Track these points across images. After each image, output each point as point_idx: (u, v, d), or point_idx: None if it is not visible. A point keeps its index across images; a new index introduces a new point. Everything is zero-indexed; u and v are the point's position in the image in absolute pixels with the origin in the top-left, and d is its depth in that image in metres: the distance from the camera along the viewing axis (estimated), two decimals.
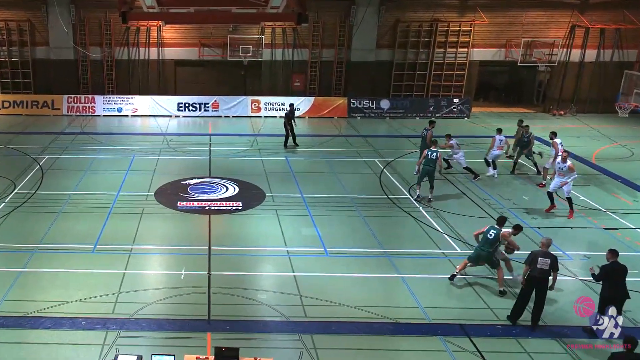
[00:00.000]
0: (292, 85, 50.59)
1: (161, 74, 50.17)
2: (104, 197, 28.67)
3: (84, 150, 36.92)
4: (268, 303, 19.47)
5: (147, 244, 23.75)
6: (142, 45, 49.55)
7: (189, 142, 39.74)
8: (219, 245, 23.67)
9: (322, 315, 18.84)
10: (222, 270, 21.59)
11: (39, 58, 48.89)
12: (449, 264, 22.00)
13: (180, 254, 22.94)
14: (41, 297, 19.40)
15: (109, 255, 22.59)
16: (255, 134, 41.64)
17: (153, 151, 36.85)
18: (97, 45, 49.05)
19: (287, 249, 23.38)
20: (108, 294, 19.69)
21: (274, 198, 29.08)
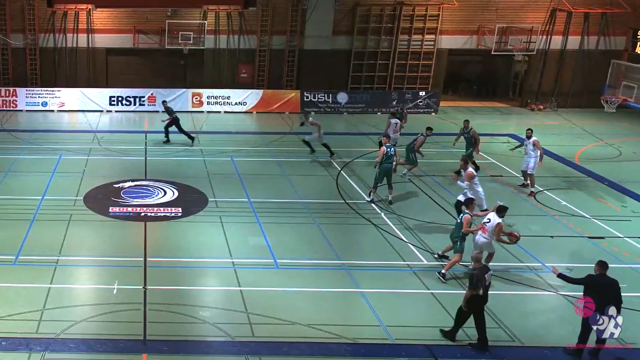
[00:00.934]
0: (238, 77, 50.49)
1: (91, 64, 49.70)
2: (26, 202, 28.32)
3: (4, 149, 36.52)
4: (211, 321, 19.31)
5: (76, 254, 23.46)
6: (69, 31, 49.01)
7: (122, 140, 39.49)
8: (155, 256, 23.47)
9: (272, 334, 18.70)
10: (159, 284, 21.39)
11: None
12: (414, 277, 22.07)
13: (112, 266, 22.67)
14: None
15: (32, 267, 22.29)
16: (197, 131, 41.37)
17: (82, 150, 36.54)
18: (19, 32, 48.45)
19: (233, 261, 23.24)
20: (31, 311, 19.36)
21: (218, 203, 29.00)
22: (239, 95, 48.07)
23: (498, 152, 34.36)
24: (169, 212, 27.67)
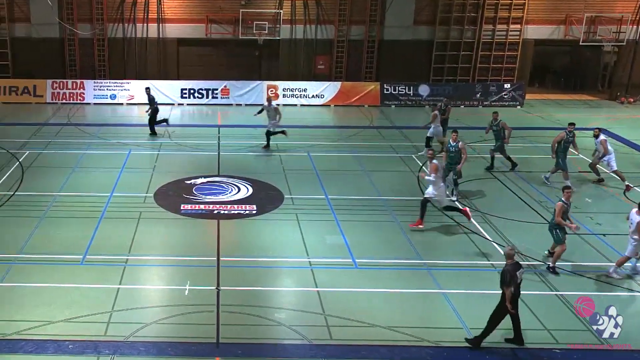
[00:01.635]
0: (315, 69, 50.80)
1: (162, 55, 50.58)
2: (94, 199, 28.94)
3: (71, 144, 37.40)
4: (287, 323, 19.51)
5: (145, 254, 23.93)
6: (139, 21, 50.00)
7: (194, 134, 40.25)
8: (229, 255, 23.82)
9: (350, 337, 18.84)
10: (233, 284, 21.68)
11: (19, 36, 49.51)
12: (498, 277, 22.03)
13: (184, 265, 23.09)
14: (21, 317, 19.51)
15: (100, 267, 22.76)
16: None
17: (152, 145, 37.43)
18: (86, 22, 49.56)
19: (310, 260, 23.50)
20: (100, 313, 19.79)
21: (294, 200, 29.32)
22: (316, 87, 48.52)
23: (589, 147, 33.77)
24: (243, 209, 28.04)
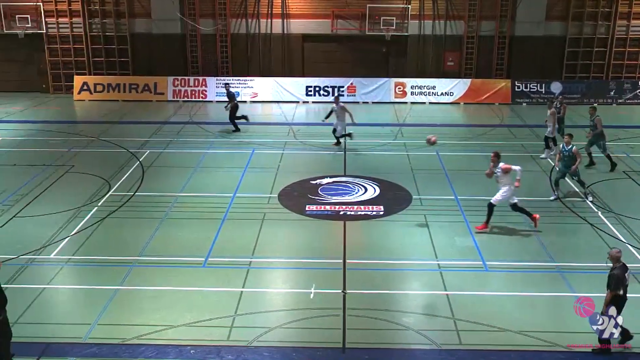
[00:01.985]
0: (444, 65, 50.45)
1: (286, 51, 50.82)
2: (217, 200, 29.15)
3: (193, 143, 37.77)
4: (415, 327, 19.29)
5: (269, 256, 23.90)
6: (263, 16, 50.41)
7: (319, 133, 40.13)
8: (355, 257, 23.66)
9: (480, 342, 18.59)
10: (359, 287, 21.53)
11: (139, 32, 50.55)
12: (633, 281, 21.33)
13: (309, 268, 23.02)
14: (141, 321, 19.68)
15: (223, 270, 22.83)
16: (399, 124, 41.64)
17: (276, 144, 37.47)
18: (209, 17, 50.24)
19: (438, 263, 23.32)
20: (222, 317, 19.80)
21: (422, 201, 29.19)
22: (445, 85, 48.32)
23: None
24: (370, 210, 27.86)
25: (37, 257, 23.66)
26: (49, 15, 50.09)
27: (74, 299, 21.57)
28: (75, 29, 50.45)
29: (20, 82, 51.92)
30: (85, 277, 22.64)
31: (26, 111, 45.65)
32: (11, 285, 21.08)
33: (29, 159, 35.12)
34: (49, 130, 40.74)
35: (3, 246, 24.26)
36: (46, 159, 34.70)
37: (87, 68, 50.91)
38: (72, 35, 50.49)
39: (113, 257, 23.71)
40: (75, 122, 43.98)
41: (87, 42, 50.67)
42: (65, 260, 23.50)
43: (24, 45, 51.07)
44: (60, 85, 51.35)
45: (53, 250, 24.23)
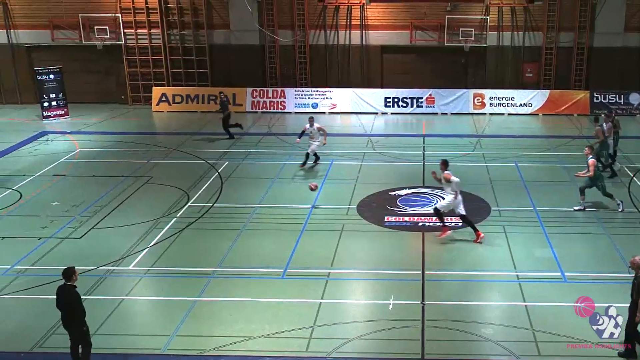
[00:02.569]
0: (522, 76, 50.30)
1: (365, 62, 50.99)
2: (295, 211, 29.46)
3: (272, 154, 38.18)
4: (493, 338, 19.37)
5: (348, 267, 24.09)
6: (341, 27, 50.66)
7: (398, 144, 40.39)
8: (434, 269, 23.81)
9: (559, 353, 18.60)
10: (438, 299, 21.67)
11: (217, 43, 51.06)
12: None
13: (387, 279, 23.18)
14: (220, 332, 19.96)
15: (301, 281, 23.06)
16: (478, 135, 41.64)
17: (355, 156, 37.62)
18: (287, 28, 50.59)
19: (517, 274, 23.37)
20: (301, 328, 20.02)
21: (501, 212, 29.27)
22: (523, 96, 48.22)
23: None
24: (449, 221, 27.70)
25: (116, 268, 24.12)
26: (128, 27, 50.87)
27: (152, 310, 22.02)
28: (154, 40, 51.19)
29: (99, 94, 52.71)
30: (164, 288, 23.02)
31: (105, 122, 46.35)
32: (90, 296, 21.57)
33: (108, 170, 35.73)
34: (127, 141, 41.42)
35: (82, 257, 24.69)
36: (125, 170, 35.28)
37: (166, 79, 51.64)
38: (151, 46, 51.21)
39: (192, 268, 24.08)
40: (153, 133, 44.67)
41: (166, 54, 51.36)
42: (144, 272, 23.92)
43: (102, 57, 51.88)
44: (139, 97, 52.09)
45: (132, 261, 24.72)
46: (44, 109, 48.13)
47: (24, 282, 23.09)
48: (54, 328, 19.10)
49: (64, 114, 48.40)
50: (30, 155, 38.84)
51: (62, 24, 50.86)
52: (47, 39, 51.42)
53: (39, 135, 43.21)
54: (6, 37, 52.04)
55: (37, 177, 34.72)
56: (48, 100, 48.14)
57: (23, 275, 23.70)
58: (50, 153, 39.25)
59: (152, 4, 50.48)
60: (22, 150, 39.72)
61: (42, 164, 36.74)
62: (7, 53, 52.46)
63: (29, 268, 24.26)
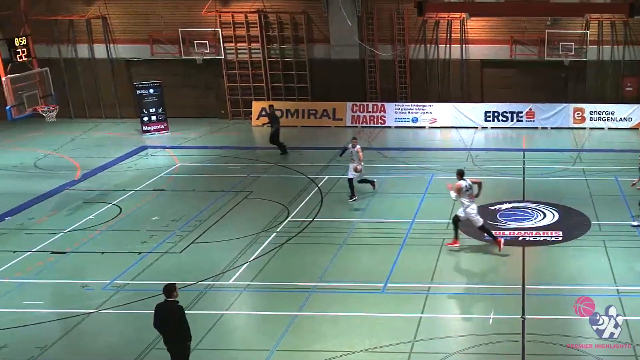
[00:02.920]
0: (623, 91, 49.76)
1: (465, 76, 50.93)
2: (395, 225, 29.64)
3: (372, 168, 37.79)
4: (593, 353, 19.30)
5: (448, 282, 24.30)
6: (441, 42, 50.58)
7: (498, 158, 40.40)
8: (534, 283, 23.85)
9: None
10: (538, 313, 21.75)
11: (317, 58, 51.25)
12: None
13: (487, 293, 23.31)
14: (320, 347, 20.20)
15: (402, 295, 23.25)
16: (578, 149, 41.46)
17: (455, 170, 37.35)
18: (387, 43, 50.63)
19: (617, 288, 23.40)
20: (401, 343, 20.18)
21: (601, 227, 29.20)
22: (623, 110, 47.76)
23: None
24: (549, 235, 28.03)
25: (216, 283, 24.53)
26: (228, 41, 51.30)
27: (252, 324, 22.39)
28: (253, 54, 51.60)
29: (199, 108, 53.08)
30: (264, 302, 23.39)
31: (204, 137, 46.89)
32: (190, 311, 21.83)
33: (208, 184, 36.20)
34: (227, 156, 41.90)
35: (182, 272, 25.22)
36: (225, 185, 35.69)
37: (266, 94, 51.95)
38: (251, 60, 51.63)
39: (292, 283, 24.42)
40: (253, 147, 44.96)
41: (266, 68, 51.65)
42: (244, 286, 24.29)
43: (202, 71, 52.29)
44: (239, 111, 52.51)
45: (232, 276, 25.10)
46: (143, 124, 48.76)
47: (124, 297, 23.54)
48: (153, 343, 19.50)
49: (164, 129, 49.03)
50: (130, 169, 39.46)
51: (161, 39, 51.59)
52: (146, 54, 52.18)
53: (138, 150, 43.89)
54: (106, 51, 52.86)
55: (136, 191, 35.25)
56: (148, 114, 48.76)
57: (123, 290, 24.15)
58: (150, 167, 39.81)
59: (252, 19, 50.82)
60: (122, 165, 40.37)
61: (141, 178, 37.24)
62: (106, 68, 53.25)
63: (129, 283, 24.73)
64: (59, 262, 26.76)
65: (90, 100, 53.60)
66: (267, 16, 50.88)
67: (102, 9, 51.37)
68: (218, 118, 52.48)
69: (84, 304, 23.09)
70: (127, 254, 27.24)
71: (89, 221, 31.07)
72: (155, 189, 35.70)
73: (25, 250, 27.72)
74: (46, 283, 24.96)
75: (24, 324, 21.76)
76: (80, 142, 45.44)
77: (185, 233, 29.35)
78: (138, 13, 51.79)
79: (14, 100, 34.64)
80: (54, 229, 29.98)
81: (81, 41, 52.73)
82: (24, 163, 40.74)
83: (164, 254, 27.28)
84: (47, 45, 51.44)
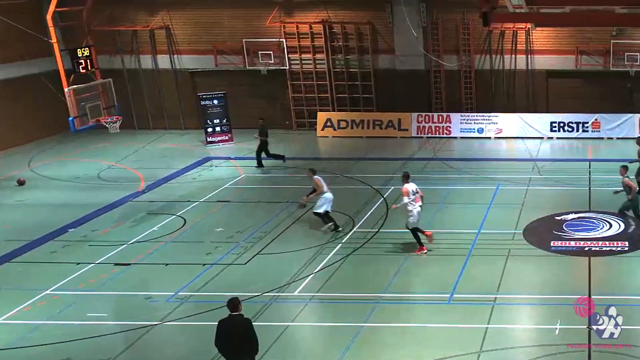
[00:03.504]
0: None
1: (530, 87, 50.94)
2: (461, 236, 29.90)
3: (437, 179, 38.52)
4: None
5: (514, 292, 24.43)
6: (507, 52, 50.66)
7: (564, 169, 40.48)
8: (600, 293, 23.84)
9: None
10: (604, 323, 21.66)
11: (382, 68, 51.51)
12: None
13: (554, 304, 23.42)
14: (386, 357, 20.46)
15: (467, 306, 23.48)
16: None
17: (521, 180, 37.75)
18: (452, 53, 50.82)
19: None
20: (468, 353, 20.40)
21: None
22: None
23: None
24: (615, 246, 28.19)
25: (281, 294, 24.72)
26: (292, 52, 51.68)
27: (318, 336, 22.65)
28: (318, 65, 51.96)
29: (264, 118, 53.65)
30: (329, 314, 23.65)
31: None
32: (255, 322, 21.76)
33: (273, 196, 36.50)
34: (292, 167, 42.24)
35: (247, 283, 25.51)
36: (289, 196, 35.86)
37: (331, 104, 52.28)
38: (315, 71, 52.00)
39: (357, 294, 24.62)
40: (318, 158, 45.21)
41: (331, 78, 51.97)
42: (310, 297, 24.54)
43: (266, 82, 52.64)
44: (304, 122, 52.91)
45: (297, 287, 25.34)
46: (207, 135, 49.24)
47: (188, 309, 23.78)
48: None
49: (228, 140, 49.52)
50: (194, 181, 39.88)
51: (225, 49, 52.01)
52: (210, 64, 52.61)
53: (203, 161, 44.27)
54: (169, 62, 53.47)
55: (201, 202, 35.59)
56: (212, 125, 49.24)
57: (187, 302, 24.38)
58: (214, 179, 40.18)
59: (317, 29, 51.21)
60: (186, 176, 40.80)
61: (206, 189, 37.56)
62: (170, 78, 53.82)
63: (194, 294, 24.95)
64: (123, 274, 27.11)
65: (154, 111, 54.25)
66: (331, 27, 51.24)
67: (166, 20, 52.16)
68: (283, 128, 52.77)
69: (148, 315, 23.37)
70: (191, 265, 27.52)
71: (153, 233, 31.43)
72: (220, 200, 36.01)
73: (89, 262, 28.01)
74: (110, 295, 25.26)
75: (88, 335, 22.03)
76: (143, 154, 45.94)
77: (250, 244, 29.61)
78: (202, 23, 52.43)
79: (77, 111, 35.02)
80: (117, 241, 30.34)
81: (144, 52, 53.44)
82: (88, 174, 41.28)
83: (229, 265, 27.53)
84: (110, 56, 52.21)
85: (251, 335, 17.40)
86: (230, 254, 28.62)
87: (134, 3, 52.23)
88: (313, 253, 28.45)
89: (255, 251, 28.86)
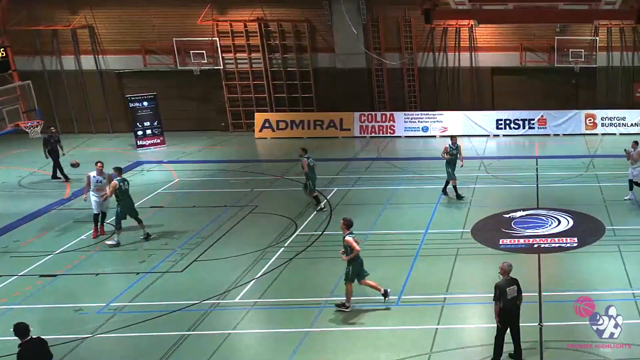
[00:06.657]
0: (633, 96, 50.91)
1: (475, 84, 51.67)
2: (408, 236, 30.27)
3: (382, 180, 39.00)
4: (612, 357, 19.97)
5: (464, 292, 24.91)
6: (450, 50, 51.52)
7: (511, 166, 41.34)
8: (550, 290, 24.64)
9: None
10: (555, 319, 22.50)
11: (322, 67, 52.04)
12: None
13: None
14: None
15: (416, 307, 23.82)
16: (590, 155, 42.53)
17: (467, 179, 38.39)
18: (394, 51, 51.48)
19: (633, 292, 24.32)
20: (418, 355, 20.71)
21: (616, 231, 30.22)
22: (635, 115, 49.19)
23: None
24: (564, 242, 29.08)
25: (221, 302, 24.73)
26: (226, 51, 51.85)
27: (261, 343, 22.65)
28: (254, 64, 52.21)
29: (197, 121, 53.46)
30: (273, 320, 23.72)
31: (204, 151, 47.18)
32: (194, 331, 22.46)
33: (210, 200, 36.49)
34: (229, 170, 42.32)
35: (185, 291, 25.51)
36: (228, 200, 36.01)
37: (269, 105, 52.56)
38: (252, 71, 52.23)
39: (302, 299, 24.85)
40: (257, 161, 45.54)
41: (268, 78, 52.28)
42: (252, 304, 24.57)
43: (200, 82, 52.73)
44: (240, 123, 53.11)
45: (238, 293, 25.36)
46: (137, 138, 49.11)
47: (121, 320, 23.49)
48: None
49: (160, 143, 49.54)
50: None
51: (154, 49, 52.04)
52: (138, 65, 52.61)
53: (133, 166, 44.05)
54: (94, 63, 53.19)
55: None
56: (142, 128, 49.16)
57: (121, 312, 24.13)
58: (146, 184, 39.93)
59: (252, 28, 51.46)
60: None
61: (138, 195, 36.40)
62: (96, 80, 53.49)
63: (127, 305, 24.71)
64: (49, 285, 26.60)
65: (79, 115, 53.93)
66: (267, 25, 51.56)
67: (89, 18, 51.93)
68: (219, 131, 52.82)
69: (79, 328, 23.03)
70: (124, 274, 27.39)
71: (81, 242, 31.05)
72: (153, 205, 35.87)
73: (11, 274, 27.50)
74: (36, 308, 24.72)
75: (10, 352, 20.73)
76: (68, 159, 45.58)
77: (187, 251, 29.54)
78: (128, 22, 52.32)
79: None
80: (42, 251, 29.85)
81: (66, 52, 53.10)
82: (7, 182, 40.80)
83: (164, 273, 27.40)
84: (29, 57, 51.83)
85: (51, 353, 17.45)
86: (166, 261, 28.46)
87: (53, 2, 51.85)
88: (254, 258, 28.52)
89: (193, 258, 28.77)
